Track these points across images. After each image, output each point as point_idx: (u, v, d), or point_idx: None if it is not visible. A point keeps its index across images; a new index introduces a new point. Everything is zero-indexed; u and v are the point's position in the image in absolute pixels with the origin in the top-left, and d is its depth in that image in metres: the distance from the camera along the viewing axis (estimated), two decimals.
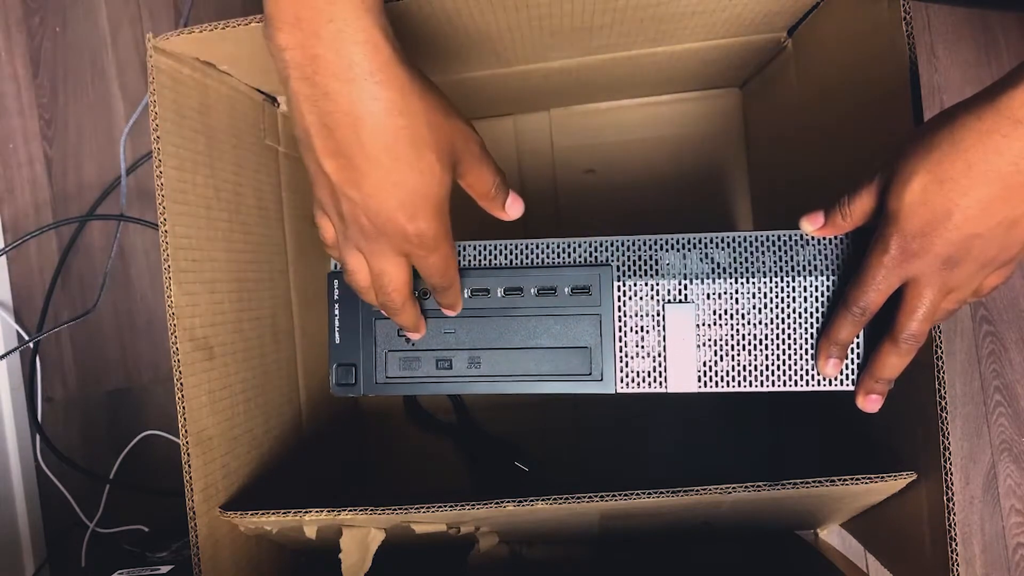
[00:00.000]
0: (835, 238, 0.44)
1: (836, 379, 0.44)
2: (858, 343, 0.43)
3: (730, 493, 0.47)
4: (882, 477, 0.47)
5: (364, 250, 0.40)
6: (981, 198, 0.36)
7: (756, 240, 0.44)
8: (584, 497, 0.47)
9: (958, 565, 0.45)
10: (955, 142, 0.36)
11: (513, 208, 0.44)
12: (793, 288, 0.44)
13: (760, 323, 0.44)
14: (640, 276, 0.45)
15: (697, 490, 0.47)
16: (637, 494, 0.47)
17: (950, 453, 0.45)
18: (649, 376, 0.45)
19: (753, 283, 0.44)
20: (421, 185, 0.37)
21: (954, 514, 0.45)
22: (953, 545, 0.45)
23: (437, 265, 0.41)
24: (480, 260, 0.46)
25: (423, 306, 0.46)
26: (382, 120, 0.35)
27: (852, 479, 0.47)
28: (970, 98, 0.36)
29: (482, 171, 0.41)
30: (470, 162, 0.40)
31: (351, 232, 0.39)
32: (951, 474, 0.45)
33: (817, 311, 0.44)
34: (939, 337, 0.44)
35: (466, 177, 0.41)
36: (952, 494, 0.45)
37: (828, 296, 0.44)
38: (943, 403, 0.45)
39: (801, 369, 0.44)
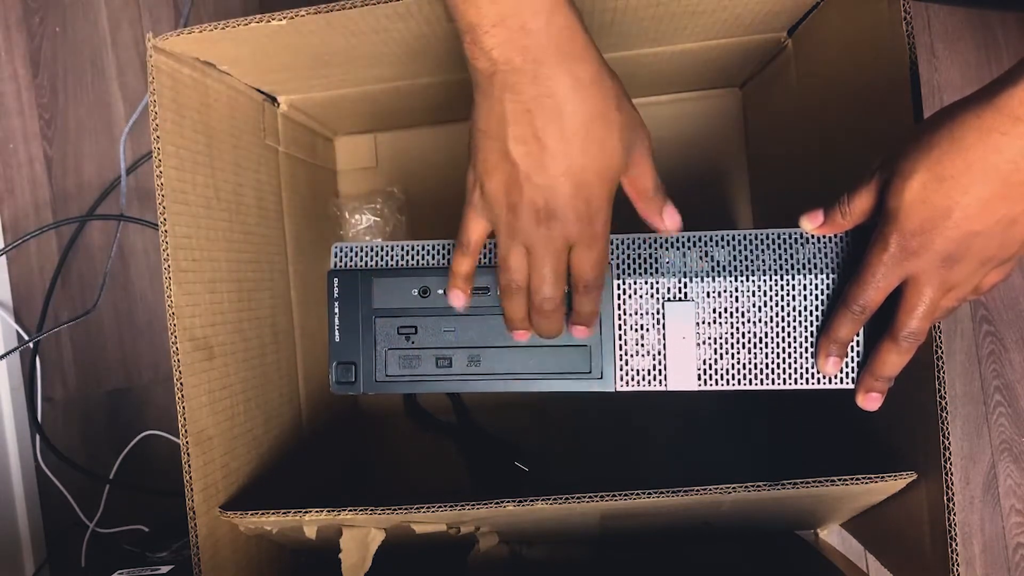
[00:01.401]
0: (834, 236, 0.44)
1: (836, 377, 0.44)
2: (858, 341, 0.43)
3: (730, 493, 0.47)
4: (882, 477, 0.47)
5: (531, 241, 0.40)
6: (981, 196, 0.36)
7: (756, 238, 0.44)
8: (584, 497, 0.47)
9: (958, 565, 0.45)
10: (955, 140, 0.36)
11: (671, 219, 0.43)
12: (793, 286, 0.44)
13: (760, 321, 0.44)
14: (640, 274, 0.45)
15: (697, 490, 0.47)
16: (637, 494, 0.47)
17: (950, 453, 0.45)
18: (649, 374, 0.45)
19: (753, 281, 0.44)
20: (603, 165, 0.39)
21: (954, 514, 0.45)
22: (953, 545, 0.45)
23: (595, 257, 0.41)
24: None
25: (441, 305, 0.46)
26: (584, 98, 0.37)
27: (852, 479, 0.47)
28: (969, 96, 0.36)
29: (647, 167, 0.42)
30: (639, 154, 0.41)
31: (522, 222, 0.40)
32: (951, 474, 0.45)
33: (817, 309, 0.44)
34: (939, 337, 0.44)
35: (632, 170, 0.42)
36: (952, 494, 0.45)
37: (828, 294, 0.44)
38: (943, 403, 0.45)
39: (801, 367, 0.44)
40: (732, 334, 0.44)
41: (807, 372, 0.44)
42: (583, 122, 0.38)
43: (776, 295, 0.44)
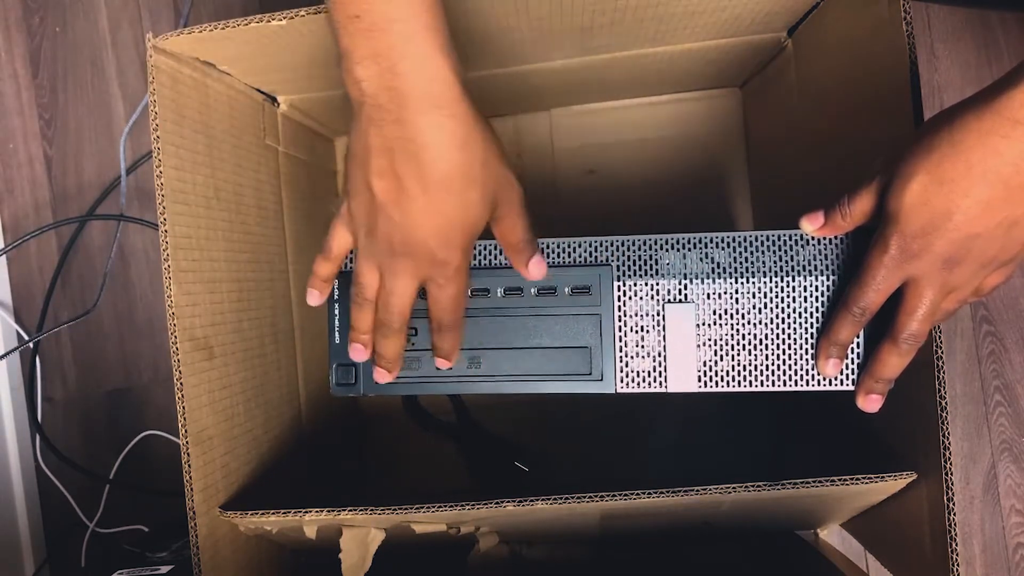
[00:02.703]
0: (835, 238, 0.44)
1: (836, 379, 0.44)
2: (858, 343, 0.43)
3: (730, 493, 0.47)
4: (882, 477, 0.47)
5: (383, 267, 0.42)
6: (982, 199, 0.36)
7: (756, 240, 0.44)
8: (584, 497, 0.47)
9: (958, 565, 0.45)
10: (955, 143, 0.36)
11: (536, 268, 0.45)
12: (793, 288, 0.44)
13: (760, 323, 0.44)
14: (640, 276, 0.45)
15: (697, 490, 0.47)
16: (637, 494, 0.47)
17: (950, 453, 0.45)
18: (649, 376, 0.45)
19: (753, 283, 0.44)
20: (461, 218, 0.40)
21: (954, 514, 0.45)
22: (953, 545, 0.45)
23: (451, 298, 0.43)
24: (480, 260, 0.46)
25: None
26: (443, 151, 0.38)
27: (852, 479, 0.47)
28: (969, 98, 0.36)
29: (517, 223, 0.43)
30: (508, 210, 0.42)
31: (377, 248, 0.41)
32: (951, 474, 0.45)
33: (817, 311, 0.44)
34: (939, 337, 0.44)
35: (501, 223, 0.43)
36: (952, 494, 0.45)
37: (828, 296, 0.44)
38: (943, 403, 0.45)
39: (801, 369, 0.44)
40: (732, 336, 0.44)
41: (807, 374, 0.44)
42: (443, 174, 0.38)
43: (776, 297, 0.44)
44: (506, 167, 0.41)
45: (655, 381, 0.45)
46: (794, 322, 0.44)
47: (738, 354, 0.44)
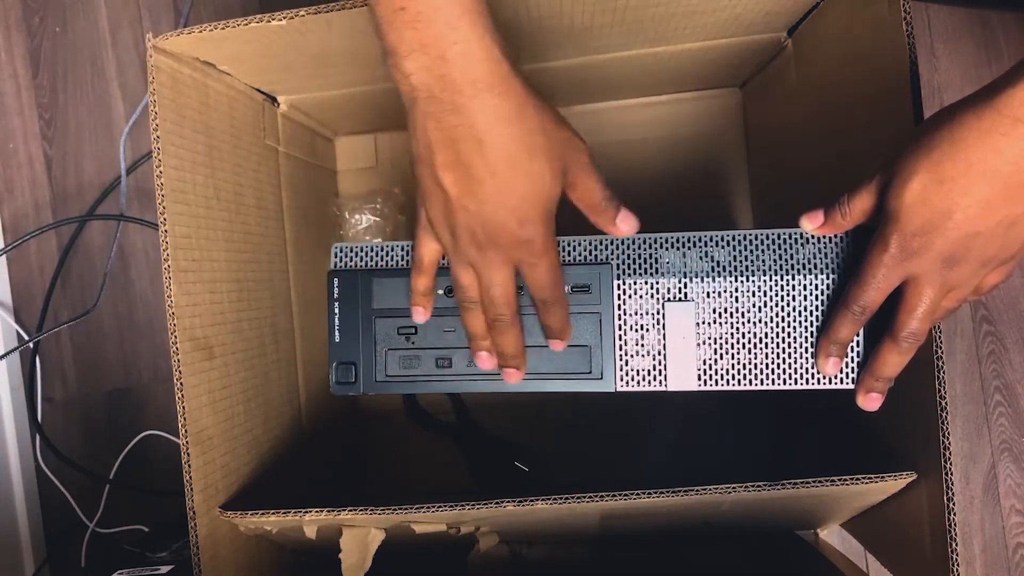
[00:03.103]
0: (835, 236, 0.44)
1: (836, 378, 0.44)
2: (858, 341, 0.43)
3: (730, 493, 0.47)
4: (882, 477, 0.47)
5: (476, 262, 0.42)
6: (981, 197, 0.36)
7: (756, 239, 0.44)
8: (584, 497, 0.47)
9: (958, 565, 0.45)
10: (955, 141, 0.36)
11: (625, 222, 0.44)
12: (793, 286, 0.44)
13: (760, 321, 0.44)
14: (640, 274, 0.45)
15: (697, 490, 0.47)
16: (637, 494, 0.47)
17: (950, 453, 0.45)
18: (649, 374, 0.45)
19: (753, 281, 0.44)
20: (531, 191, 0.39)
21: (954, 514, 0.45)
22: (953, 545, 0.45)
23: (544, 275, 0.42)
24: None
25: (441, 305, 0.46)
26: (502, 128, 0.37)
27: (852, 479, 0.47)
28: (969, 96, 0.36)
29: (591, 182, 0.42)
30: (579, 172, 0.42)
31: (463, 245, 0.41)
32: (951, 474, 0.45)
33: (817, 309, 0.44)
34: (939, 337, 0.44)
35: (576, 188, 0.42)
36: (952, 494, 0.45)
37: (828, 294, 0.44)
38: (943, 403, 0.45)
39: (801, 367, 0.44)
40: (732, 334, 0.44)
41: (807, 372, 0.44)
42: (506, 153, 0.38)
43: (776, 295, 0.44)
44: (566, 130, 0.41)
45: (655, 380, 0.45)
46: (794, 321, 0.44)
47: (738, 353, 0.44)
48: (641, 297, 0.45)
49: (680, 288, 0.45)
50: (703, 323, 0.44)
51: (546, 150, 0.39)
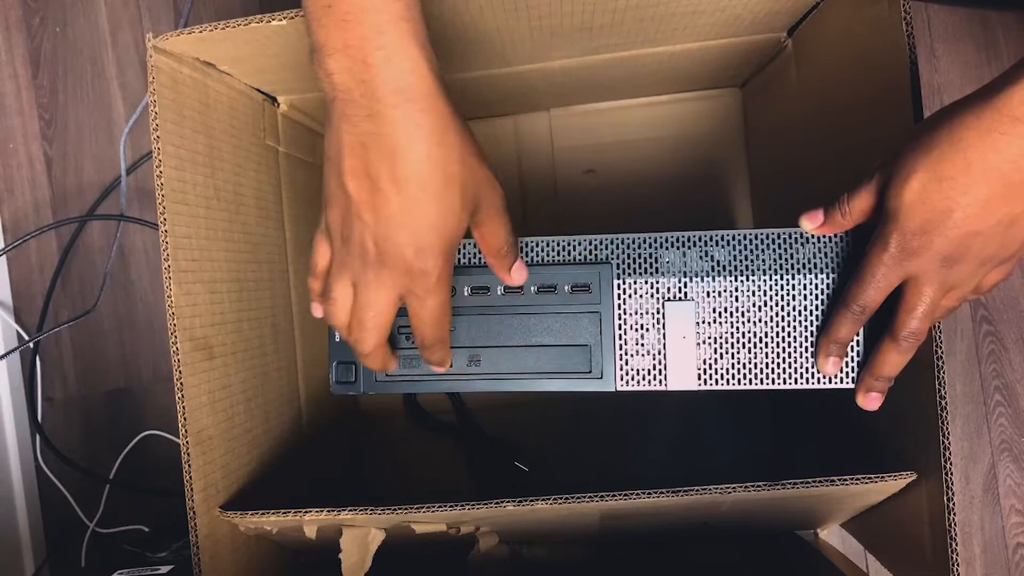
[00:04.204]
0: (835, 236, 0.44)
1: (836, 377, 0.44)
2: (858, 341, 0.43)
3: (730, 493, 0.47)
4: (882, 477, 0.47)
5: (358, 279, 0.39)
6: (981, 197, 0.36)
7: (756, 238, 0.44)
8: (584, 497, 0.47)
9: (958, 565, 0.45)
10: (954, 141, 0.36)
11: (518, 273, 0.44)
12: (793, 286, 0.44)
13: (760, 321, 0.44)
14: (640, 274, 0.45)
15: (697, 490, 0.47)
16: (637, 494, 0.47)
17: (950, 453, 0.45)
18: (649, 374, 0.45)
19: (753, 281, 0.44)
20: (438, 221, 0.37)
21: (954, 514, 0.45)
22: (953, 545, 0.45)
23: (432, 311, 0.40)
24: (480, 258, 0.46)
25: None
26: (418, 146, 0.35)
27: (852, 479, 0.47)
28: (969, 95, 0.36)
29: (499, 226, 0.41)
30: (489, 213, 0.40)
31: (350, 258, 0.39)
32: (951, 474, 0.45)
33: (817, 309, 0.44)
34: (939, 337, 0.44)
35: (481, 227, 0.41)
36: (952, 494, 0.45)
37: (828, 294, 0.44)
38: (943, 403, 0.45)
39: (801, 367, 0.44)
40: (732, 334, 0.44)
41: (807, 372, 0.44)
42: (417, 171, 0.36)
43: (776, 295, 0.44)
44: (485, 167, 0.39)
45: (655, 379, 0.45)
46: (794, 320, 0.44)
47: (738, 352, 0.44)
48: (641, 296, 0.45)
49: (680, 287, 0.45)
50: (703, 322, 0.44)
51: (461, 181, 0.37)
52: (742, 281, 0.44)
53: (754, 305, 0.44)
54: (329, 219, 0.40)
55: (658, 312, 0.45)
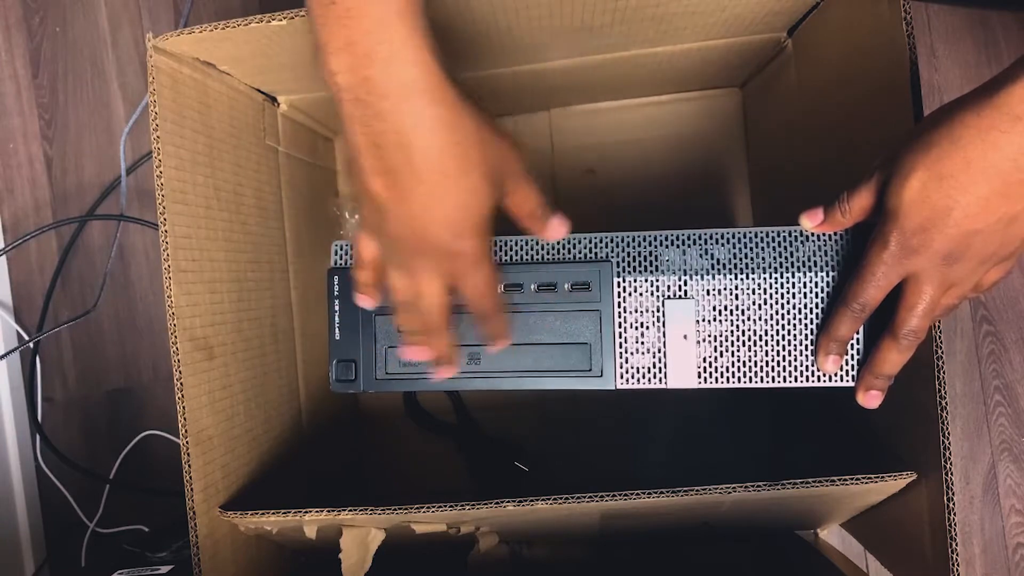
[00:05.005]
0: (834, 234, 0.44)
1: (836, 375, 0.44)
2: (858, 339, 0.43)
3: (730, 493, 0.47)
4: (882, 477, 0.47)
5: (407, 269, 0.40)
6: (981, 195, 0.36)
7: (755, 236, 0.44)
8: (584, 497, 0.47)
9: (958, 565, 0.45)
10: (954, 139, 0.36)
11: (560, 228, 0.44)
12: (792, 284, 0.44)
13: (760, 319, 0.44)
14: (640, 272, 0.45)
15: (697, 490, 0.47)
16: (637, 494, 0.47)
17: (950, 453, 0.45)
18: (649, 372, 0.45)
19: (753, 279, 0.44)
20: (465, 202, 0.38)
21: (954, 514, 0.45)
22: (953, 545, 0.45)
23: (478, 286, 0.41)
24: None
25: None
26: (432, 137, 0.35)
27: (852, 479, 0.47)
28: (968, 94, 0.36)
29: (528, 192, 0.41)
30: (515, 182, 0.40)
31: (394, 251, 0.40)
32: (951, 474, 0.45)
33: (816, 307, 0.44)
34: (939, 337, 0.44)
35: (512, 196, 0.41)
36: (952, 494, 0.45)
37: (827, 292, 0.44)
38: (943, 403, 0.45)
39: (801, 365, 0.44)
40: (732, 332, 0.44)
41: (807, 370, 0.44)
42: (436, 163, 0.36)
43: (776, 293, 0.44)
44: (501, 139, 0.39)
45: (655, 377, 0.45)
46: (794, 318, 0.44)
47: (738, 350, 0.44)
48: (641, 295, 0.45)
49: (680, 286, 0.45)
50: (703, 320, 0.44)
51: (481, 162, 0.37)
52: (742, 279, 0.44)
53: (754, 303, 0.44)
54: (367, 218, 0.40)
55: (658, 310, 0.45)
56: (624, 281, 0.45)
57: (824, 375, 0.44)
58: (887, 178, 0.39)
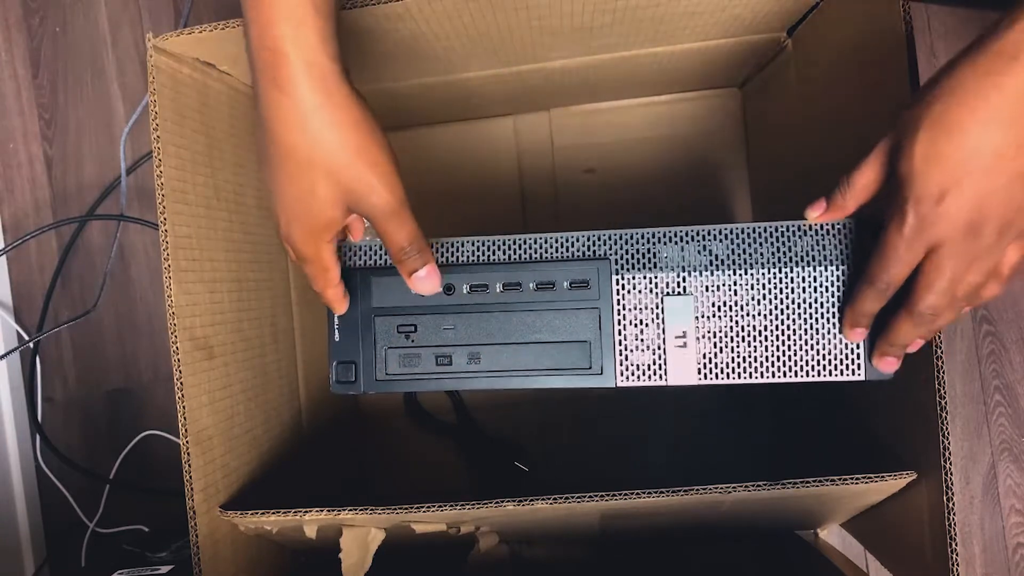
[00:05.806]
0: (833, 228, 0.43)
1: (838, 370, 0.43)
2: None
3: (730, 493, 0.47)
4: (882, 477, 0.47)
5: (287, 239, 0.43)
6: (992, 145, 0.35)
7: (754, 231, 0.44)
8: (584, 497, 0.47)
9: (958, 565, 0.45)
10: (955, 90, 0.35)
11: (420, 282, 0.44)
12: (791, 278, 0.44)
13: (759, 314, 0.44)
14: (638, 269, 0.45)
15: (697, 490, 0.47)
16: (637, 494, 0.47)
17: (950, 453, 0.45)
18: (649, 369, 0.45)
19: (751, 274, 0.44)
20: (301, 204, 0.40)
21: (954, 514, 0.45)
22: (953, 545, 0.45)
23: (311, 272, 0.43)
24: (479, 256, 0.46)
25: (440, 303, 0.47)
26: (288, 128, 0.38)
27: (852, 479, 0.47)
28: (963, 49, 0.36)
29: (390, 230, 0.42)
30: (375, 215, 0.41)
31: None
32: (951, 474, 0.45)
33: (816, 301, 0.44)
34: (939, 337, 0.44)
35: (375, 226, 0.42)
36: (952, 494, 0.45)
37: (827, 286, 0.44)
38: (943, 403, 0.45)
39: (801, 360, 0.44)
40: (731, 327, 0.44)
41: (807, 365, 0.44)
42: (282, 151, 0.39)
43: (775, 287, 0.44)
44: (372, 173, 0.40)
45: (655, 374, 0.45)
46: (793, 313, 0.44)
47: (738, 346, 0.44)
48: (640, 292, 0.45)
49: (679, 282, 0.45)
50: (702, 317, 0.44)
51: (326, 174, 0.39)
52: (741, 275, 0.44)
53: (753, 298, 0.44)
54: None
55: (657, 307, 0.45)
56: (623, 278, 0.45)
57: (825, 369, 0.44)
58: (895, 144, 0.38)
